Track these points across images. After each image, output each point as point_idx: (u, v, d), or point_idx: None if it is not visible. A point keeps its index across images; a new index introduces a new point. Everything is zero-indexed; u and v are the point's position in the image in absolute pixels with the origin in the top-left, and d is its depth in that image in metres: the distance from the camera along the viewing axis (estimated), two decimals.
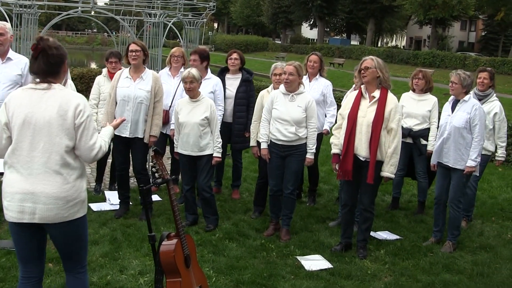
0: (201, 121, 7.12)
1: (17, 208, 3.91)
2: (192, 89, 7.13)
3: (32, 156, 3.90)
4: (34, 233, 4.06)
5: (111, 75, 8.21)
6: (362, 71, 6.49)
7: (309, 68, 8.43)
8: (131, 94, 7.23)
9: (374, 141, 6.37)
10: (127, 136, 7.30)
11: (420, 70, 8.63)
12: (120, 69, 8.24)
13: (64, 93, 4.01)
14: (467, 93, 7.03)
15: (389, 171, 6.49)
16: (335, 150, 6.79)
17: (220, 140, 7.30)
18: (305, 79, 8.38)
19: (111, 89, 7.45)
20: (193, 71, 7.18)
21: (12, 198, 3.91)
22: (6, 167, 3.98)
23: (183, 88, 8.26)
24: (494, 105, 7.84)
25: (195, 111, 7.18)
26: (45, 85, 3.96)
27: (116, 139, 7.42)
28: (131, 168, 7.74)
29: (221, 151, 7.31)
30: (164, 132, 8.43)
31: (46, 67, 3.95)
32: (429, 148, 8.11)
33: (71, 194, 3.99)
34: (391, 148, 6.45)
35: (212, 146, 7.22)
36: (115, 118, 7.32)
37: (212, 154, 7.24)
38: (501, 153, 7.97)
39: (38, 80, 3.99)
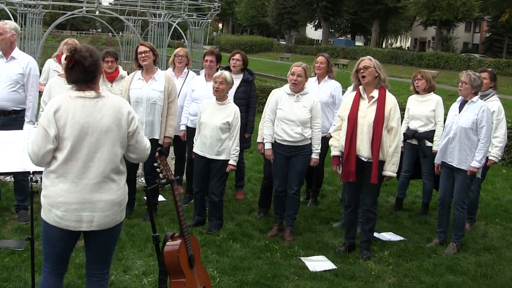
0: (222, 125, 7.06)
1: (75, 217, 3.92)
2: (220, 90, 7.05)
3: (88, 166, 3.90)
4: (75, 237, 4.11)
5: (107, 75, 8.12)
6: (361, 71, 6.49)
7: (316, 69, 8.38)
8: (144, 96, 7.20)
9: (376, 141, 6.38)
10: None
11: (419, 71, 8.63)
12: (116, 68, 8.18)
13: (114, 100, 4.02)
14: (475, 94, 7.01)
15: (390, 170, 6.49)
16: (335, 152, 6.80)
17: (238, 148, 7.20)
18: (314, 80, 8.37)
19: (124, 92, 7.43)
20: (226, 73, 7.15)
21: (68, 208, 3.91)
22: (55, 176, 3.94)
23: (188, 88, 8.31)
24: (492, 105, 7.77)
25: (218, 113, 7.12)
26: (93, 93, 3.94)
27: None
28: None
29: (237, 159, 7.23)
30: None
31: (84, 76, 3.92)
32: (434, 148, 8.12)
33: (123, 198, 4.10)
34: (392, 147, 6.46)
35: (229, 152, 7.16)
36: None
37: (228, 160, 7.16)
38: (494, 153, 7.75)
39: (76, 87, 3.95)
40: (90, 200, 3.91)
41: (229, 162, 7.15)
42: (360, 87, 6.61)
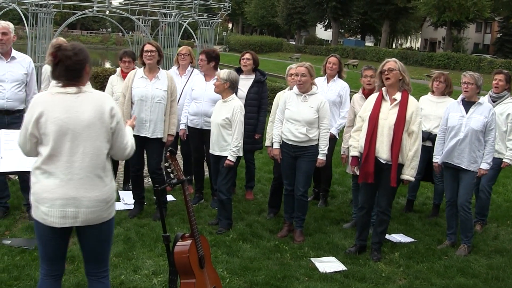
0: (222, 121, 7.13)
1: (59, 213, 3.91)
2: (215, 85, 7.22)
3: (72, 161, 3.90)
4: (64, 234, 4.09)
5: (124, 75, 8.19)
6: (386, 73, 6.45)
7: (328, 69, 8.50)
8: (149, 94, 7.24)
9: (396, 143, 6.34)
10: (147, 136, 7.31)
11: (442, 73, 8.55)
12: (133, 68, 8.23)
13: (96, 95, 4.02)
14: (478, 93, 7.02)
15: (409, 174, 6.45)
16: (354, 152, 6.76)
17: (237, 144, 7.16)
18: (323, 80, 8.43)
19: (126, 89, 7.43)
20: (222, 71, 7.26)
21: (53, 204, 3.90)
22: (39, 172, 3.96)
23: (190, 87, 8.33)
24: (508, 107, 7.77)
25: (221, 111, 7.21)
26: (74, 88, 3.94)
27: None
28: (145, 168, 7.75)
29: (235, 155, 7.18)
30: None
31: (66, 73, 3.93)
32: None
33: (109, 195, 4.06)
34: (412, 151, 6.42)
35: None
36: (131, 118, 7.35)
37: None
38: (508, 155, 7.75)
39: (60, 84, 3.95)
40: (74, 196, 3.90)
41: (227, 157, 7.17)
42: (383, 88, 6.56)
